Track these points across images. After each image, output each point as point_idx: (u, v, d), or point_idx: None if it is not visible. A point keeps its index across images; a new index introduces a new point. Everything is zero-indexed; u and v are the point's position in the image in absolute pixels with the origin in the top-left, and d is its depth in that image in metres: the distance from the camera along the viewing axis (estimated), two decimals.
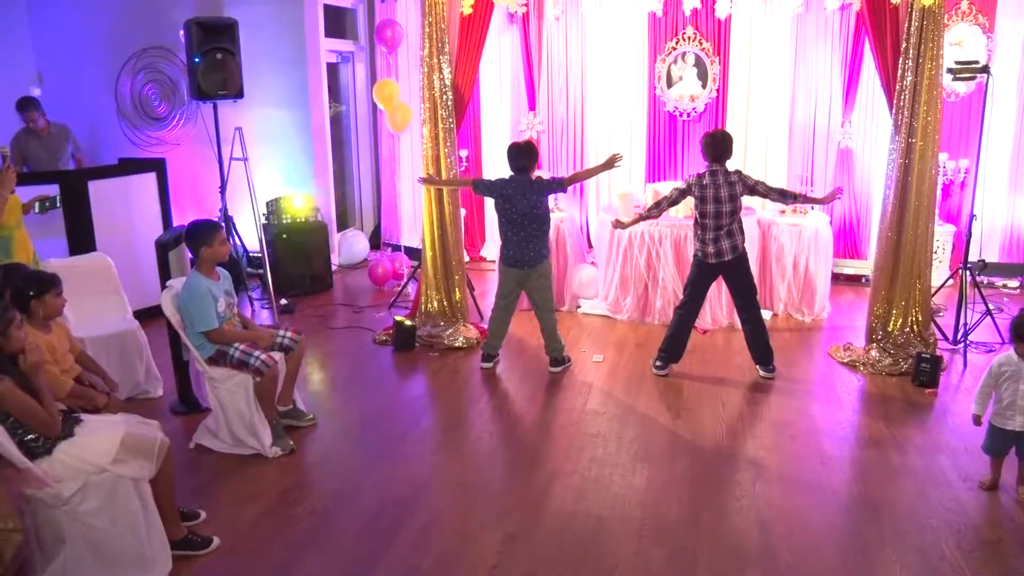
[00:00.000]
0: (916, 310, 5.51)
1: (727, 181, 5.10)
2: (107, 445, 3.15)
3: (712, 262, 5.21)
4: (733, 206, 5.11)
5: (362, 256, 8.96)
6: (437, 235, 6.15)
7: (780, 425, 4.70)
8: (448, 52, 5.89)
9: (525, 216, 5.29)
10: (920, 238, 5.37)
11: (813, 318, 6.70)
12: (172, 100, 8.09)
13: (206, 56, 6.75)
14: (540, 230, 5.36)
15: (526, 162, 5.33)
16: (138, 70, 7.97)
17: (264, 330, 4.57)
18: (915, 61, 5.15)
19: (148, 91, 7.90)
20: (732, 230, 5.15)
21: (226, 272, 4.50)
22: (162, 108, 8.02)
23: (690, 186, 5.20)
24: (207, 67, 6.78)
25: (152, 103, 7.90)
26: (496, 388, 5.37)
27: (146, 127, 7.90)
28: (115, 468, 3.14)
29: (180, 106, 8.08)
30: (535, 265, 5.38)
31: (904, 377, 5.36)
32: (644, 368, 5.63)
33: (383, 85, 7.88)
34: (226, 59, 6.85)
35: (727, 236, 5.14)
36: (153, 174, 6.84)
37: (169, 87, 8.07)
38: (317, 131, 8.43)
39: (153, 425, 3.43)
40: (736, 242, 5.17)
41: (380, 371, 5.71)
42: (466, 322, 6.29)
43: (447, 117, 5.97)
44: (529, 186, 5.30)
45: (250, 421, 4.31)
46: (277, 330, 4.64)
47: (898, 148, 5.31)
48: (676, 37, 8.04)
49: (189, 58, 6.83)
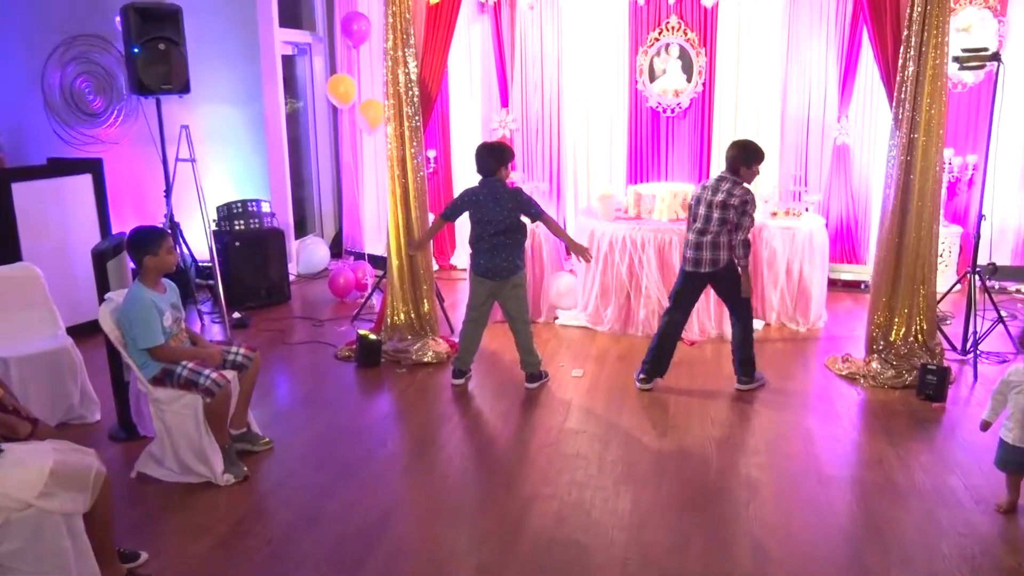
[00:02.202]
0: (920, 318, 5.54)
1: (727, 191, 5.08)
2: (33, 476, 3.02)
3: (688, 269, 5.27)
4: (722, 216, 5.09)
5: (322, 265, 8.92)
6: (404, 242, 6.12)
7: (774, 443, 4.70)
8: (413, 44, 5.88)
9: (493, 224, 5.27)
10: (924, 240, 5.40)
11: (808, 327, 6.73)
12: (109, 94, 7.98)
13: (147, 46, 6.67)
14: (512, 239, 5.32)
15: (493, 163, 5.28)
16: (67, 60, 7.84)
17: (215, 346, 4.51)
18: (917, 50, 5.18)
19: (81, 84, 7.77)
20: (717, 243, 5.14)
21: (172, 284, 4.45)
22: (97, 103, 7.91)
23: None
24: (148, 58, 6.69)
25: (86, 97, 7.77)
26: (468, 406, 5.34)
27: (80, 124, 7.79)
28: (42, 503, 3.00)
29: (118, 101, 7.98)
30: (507, 277, 5.35)
31: (908, 390, 5.38)
32: (627, 383, 5.62)
33: (337, 81, 7.85)
34: (170, 50, 6.78)
35: (709, 247, 5.15)
36: (88, 176, 6.73)
37: (104, 80, 7.96)
38: (272, 129, 8.37)
39: (89, 453, 3.33)
40: (717, 256, 5.17)
41: (342, 389, 5.68)
42: (435, 336, 6.27)
43: (413, 115, 5.95)
44: (501, 194, 5.26)
45: (199, 446, 4.24)
46: (229, 346, 4.59)
47: (899, 144, 5.34)
48: (659, 27, 8.10)
49: (127, 48, 6.74)
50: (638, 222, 6.72)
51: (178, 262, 4.91)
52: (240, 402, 4.57)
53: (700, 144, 8.23)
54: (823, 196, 7.98)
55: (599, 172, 8.66)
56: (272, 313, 7.46)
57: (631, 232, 6.53)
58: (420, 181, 6.07)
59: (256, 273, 7.63)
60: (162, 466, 4.33)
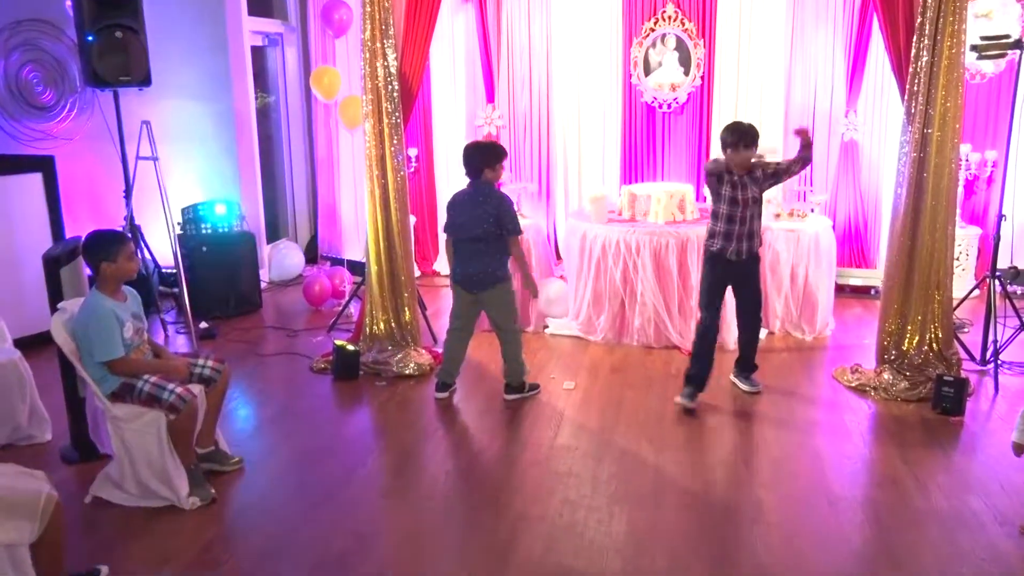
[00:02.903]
0: (935, 326, 5.53)
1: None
2: None
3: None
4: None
5: (296, 271, 8.89)
6: (383, 247, 6.10)
7: (780, 460, 4.68)
8: (393, 35, 5.86)
9: (466, 229, 5.26)
10: (938, 243, 5.39)
11: (815, 336, 6.73)
12: (60, 86, 7.87)
13: (102, 34, 6.60)
14: (490, 247, 5.26)
15: (478, 163, 5.26)
16: (12, 48, 7.73)
17: (180, 359, 4.48)
18: (932, 38, 5.16)
19: (28, 74, 7.66)
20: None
21: (134, 292, 4.41)
22: (47, 95, 7.80)
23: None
24: (104, 47, 6.62)
25: (34, 89, 7.67)
26: (453, 421, 5.31)
27: (27, 118, 7.69)
28: None
29: (71, 94, 7.88)
30: (484, 288, 5.32)
31: (923, 403, 5.37)
32: (621, 396, 5.61)
33: (321, 73, 7.81)
34: (128, 38, 6.72)
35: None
36: (39, 174, 6.66)
37: (55, 70, 7.84)
38: (241, 126, 8.33)
39: (38, 477, 3.27)
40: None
41: (318, 404, 5.65)
42: (417, 346, 6.25)
43: (393, 111, 5.94)
44: (486, 198, 5.23)
45: (162, 467, 4.18)
46: (196, 359, 4.56)
47: (911, 140, 5.34)
48: (655, 17, 8.12)
49: (80, 35, 6.67)
50: (633, 225, 6.70)
51: (139, 268, 4.85)
52: (207, 418, 4.52)
53: (698, 141, 8.24)
54: (830, 196, 8.01)
55: (591, 172, 8.67)
56: (242, 323, 7.42)
57: (625, 235, 6.51)
58: (400, 181, 6.05)
59: (225, 280, 7.58)
60: (121, 489, 4.27)
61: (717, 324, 5.47)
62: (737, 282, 5.43)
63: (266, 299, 8.08)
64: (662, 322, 6.47)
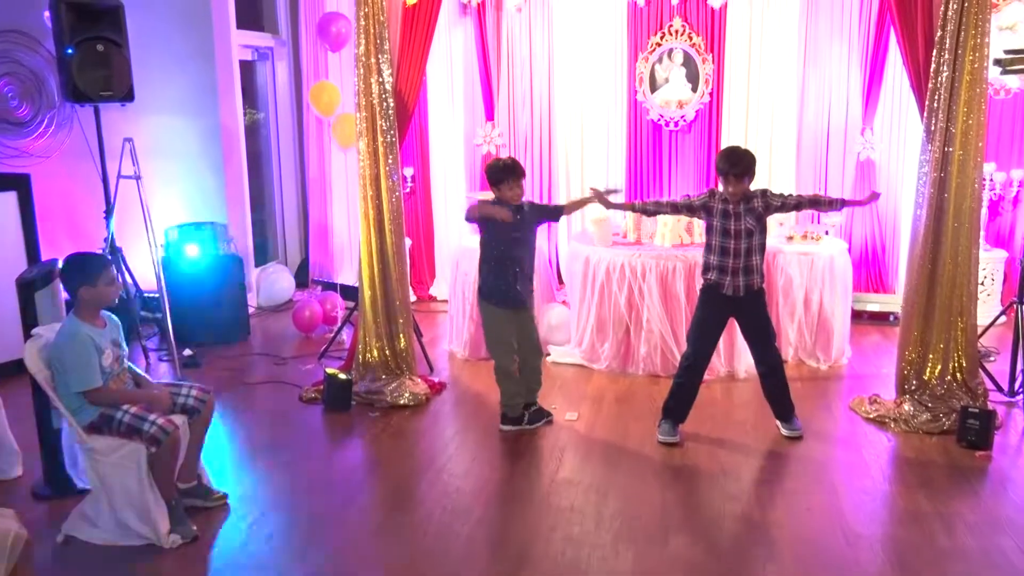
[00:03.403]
0: (959, 354, 5.50)
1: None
2: None
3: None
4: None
5: (286, 296, 8.88)
6: (377, 270, 6.09)
7: (794, 495, 4.65)
8: (388, 50, 5.88)
9: None
10: (961, 267, 5.37)
11: (830, 365, 6.70)
12: (37, 101, 7.86)
13: (82, 47, 6.60)
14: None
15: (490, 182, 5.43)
16: None
17: (162, 388, 4.46)
18: (953, 52, 5.15)
19: (3, 88, 7.65)
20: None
21: (114, 317, 4.39)
22: (23, 111, 7.79)
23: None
24: (84, 61, 6.62)
25: (9, 103, 7.66)
26: (450, 454, 5.27)
27: (2, 134, 7.69)
28: None
29: (48, 109, 7.88)
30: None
31: (947, 436, 5.32)
32: (626, 428, 5.58)
33: (320, 90, 7.82)
34: (110, 52, 6.72)
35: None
36: (13, 193, 6.63)
37: (32, 84, 7.84)
38: (229, 143, 8.33)
39: (6, 515, 3.23)
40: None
41: (308, 436, 5.63)
42: (413, 375, 6.22)
43: (388, 129, 5.94)
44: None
45: (141, 503, 4.14)
46: (179, 388, 4.52)
47: (932, 159, 5.33)
48: (661, 31, 8.13)
49: (59, 48, 6.67)
50: (638, 248, 6.69)
51: (120, 293, 4.84)
52: (190, 451, 4.48)
53: (707, 161, 8.23)
54: (845, 217, 7.99)
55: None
56: (228, 350, 7.41)
57: (630, 259, 6.49)
58: (396, 202, 6.04)
59: (210, 305, 7.56)
60: (96, 527, 4.22)
61: (705, 362, 5.40)
62: (739, 317, 5.38)
63: (254, 325, 8.05)
64: (669, 350, 6.42)
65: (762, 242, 5.20)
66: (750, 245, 5.13)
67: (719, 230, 5.17)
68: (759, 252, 5.19)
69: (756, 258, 5.17)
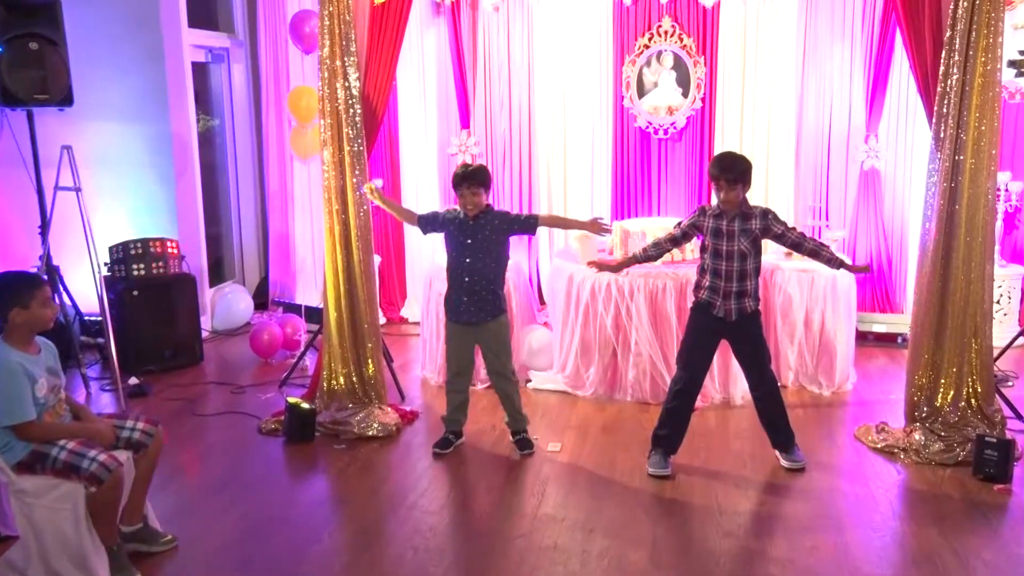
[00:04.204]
0: (973, 378, 5.51)
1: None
2: None
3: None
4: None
5: (243, 319, 8.83)
6: (344, 291, 6.08)
7: (796, 533, 4.63)
8: (355, 52, 5.88)
9: None
10: (974, 284, 5.38)
11: (834, 391, 6.71)
12: None
13: (14, 45, 6.57)
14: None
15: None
16: None
17: (104, 421, 4.39)
18: (963, 54, 5.17)
19: None
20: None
21: (49, 343, 4.33)
22: None
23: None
24: (16, 60, 6.59)
25: None
26: (422, 489, 5.24)
27: None
28: None
29: None
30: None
31: (962, 468, 5.31)
32: (613, 459, 5.57)
33: (299, 95, 7.78)
34: (45, 51, 6.69)
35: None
36: None
37: None
38: (180, 152, 8.28)
39: None
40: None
41: (267, 470, 5.59)
42: (382, 404, 6.19)
43: (355, 137, 5.94)
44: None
45: (78, 549, 4.05)
46: (123, 420, 4.47)
47: (941, 168, 5.35)
48: (649, 32, 8.15)
49: None
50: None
51: (57, 316, 4.77)
52: (136, 490, 4.42)
53: (699, 171, 8.24)
54: (849, 232, 8.02)
55: (578, 205, 8.65)
56: (180, 378, 7.36)
57: (617, 277, 6.47)
58: (364, 217, 6.03)
59: (160, 329, 7.52)
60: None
61: (697, 386, 5.40)
62: (731, 340, 5.40)
63: (208, 350, 8.02)
64: (659, 375, 6.41)
65: (757, 265, 5.20)
66: (744, 268, 5.13)
67: (711, 250, 5.18)
68: (754, 276, 5.19)
69: (750, 282, 5.18)
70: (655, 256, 5.53)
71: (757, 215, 5.14)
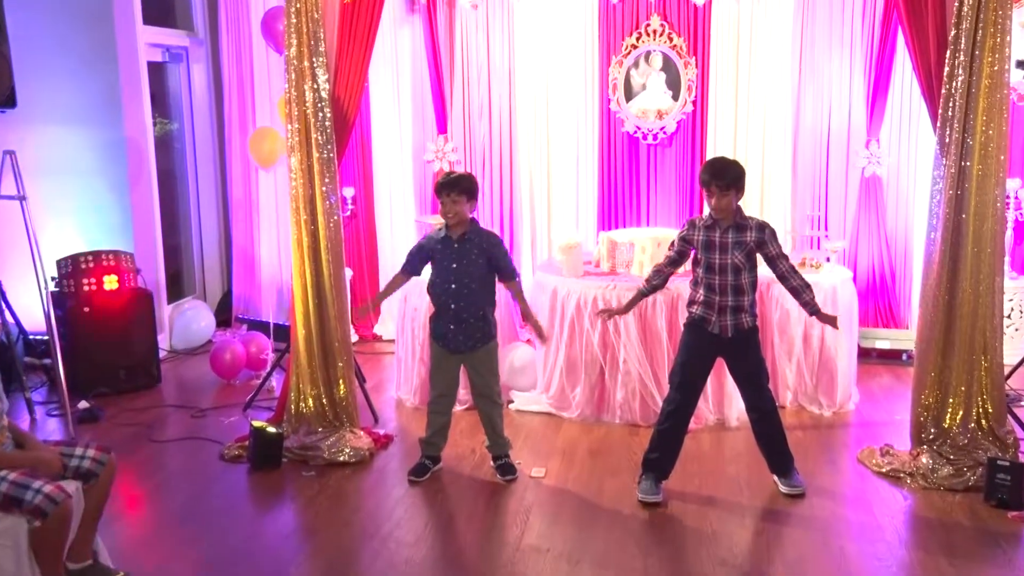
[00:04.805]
0: (983, 398, 5.51)
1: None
2: None
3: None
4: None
5: (204, 337, 8.83)
6: (313, 306, 6.06)
7: (797, 565, 4.63)
8: (324, 52, 5.88)
9: None
10: (983, 297, 5.39)
11: (835, 411, 6.72)
12: None
13: None
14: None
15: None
16: None
17: (50, 449, 4.33)
18: (969, 54, 5.19)
19: None
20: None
21: None
22: None
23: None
24: None
25: None
26: (397, 519, 5.21)
27: None
28: None
29: None
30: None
31: (973, 494, 5.30)
32: (601, 485, 5.56)
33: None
34: None
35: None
36: None
37: None
38: (135, 158, 8.27)
39: None
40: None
41: (230, 500, 5.56)
42: (354, 427, 6.17)
43: (324, 143, 5.93)
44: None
45: None
46: (72, 448, 4.40)
47: (946, 175, 5.37)
48: (637, 31, 8.18)
49: None
50: (613, 278, 6.69)
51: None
52: (85, 524, 4.34)
53: (690, 178, 8.27)
54: (849, 242, 8.06)
55: (563, 215, 8.67)
56: (135, 401, 7.31)
57: (604, 292, 6.49)
58: (334, 227, 6.03)
59: (113, 348, 7.45)
60: None
61: (691, 407, 5.40)
62: (727, 358, 5.40)
63: (166, 371, 7.97)
64: (650, 395, 6.41)
65: (753, 280, 5.21)
66: (739, 283, 5.14)
67: (703, 263, 5.20)
68: (750, 290, 5.20)
69: (746, 297, 5.18)
70: (660, 285, 5.51)
71: (753, 227, 5.14)
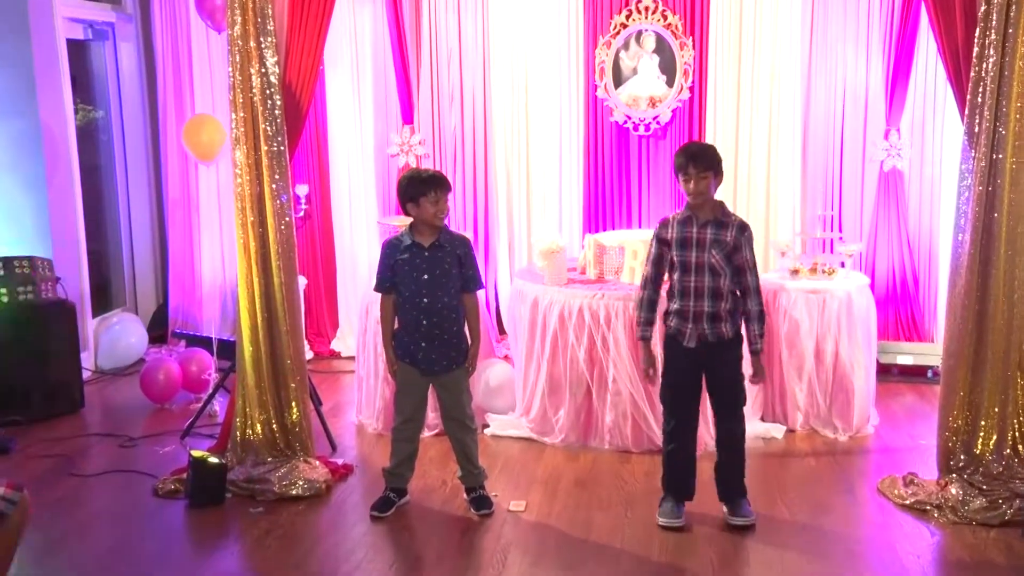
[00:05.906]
0: (1020, 420, 5.54)
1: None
2: None
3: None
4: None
5: (135, 355, 8.79)
6: (261, 320, 6.04)
7: None
8: (273, 31, 5.87)
9: None
10: (1018, 306, 5.42)
11: (851, 435, 6.73)
12: None
13: None
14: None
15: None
16: None
17: None
18: (1001, 32, 5.21)
19: None
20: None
21: None
22: None
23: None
24: None
25: None
26: (358, 561, 5.19)
27: None
28: None
29: None
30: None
31: (1009, 529, 5.30)
32: (588, 519, 5.55)
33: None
34: None
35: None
36: None
37: None
38: (53, 151, 8.23)
39: None
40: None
41: (166, 541, 5.53)
42: (308, 456, 6.14)
43: (274, 135, 5.91)
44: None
45: None
46: None
47: (976, 169, 5.39)
48: (627, 9, 8.24)
49: None
50: (601, 287, 6.71)
51: None
52: None
53: None
54: (867, 245, 8.10)
55: (544, 216, 8.69)
56: (53, 429, 7.24)
57: (591, 301, 6.49)
58: (286, 230, 6.00)
59: (28, 369, 7.42)
60: None
61: (692, 425, 5.45)
62: (707, 371, 5.41)
63: (90, 395, 7.92)
64: (642, 417, 6.42)
65: (732, 287, 5.23)
66: (716, 286, 5.17)
67: (677, 264, 5.24)
68: (730, 297, 5.23)
69: (725, 303, 5.21)
70: (658, 297, 5.51)
71: (734, 226, 5.18)
